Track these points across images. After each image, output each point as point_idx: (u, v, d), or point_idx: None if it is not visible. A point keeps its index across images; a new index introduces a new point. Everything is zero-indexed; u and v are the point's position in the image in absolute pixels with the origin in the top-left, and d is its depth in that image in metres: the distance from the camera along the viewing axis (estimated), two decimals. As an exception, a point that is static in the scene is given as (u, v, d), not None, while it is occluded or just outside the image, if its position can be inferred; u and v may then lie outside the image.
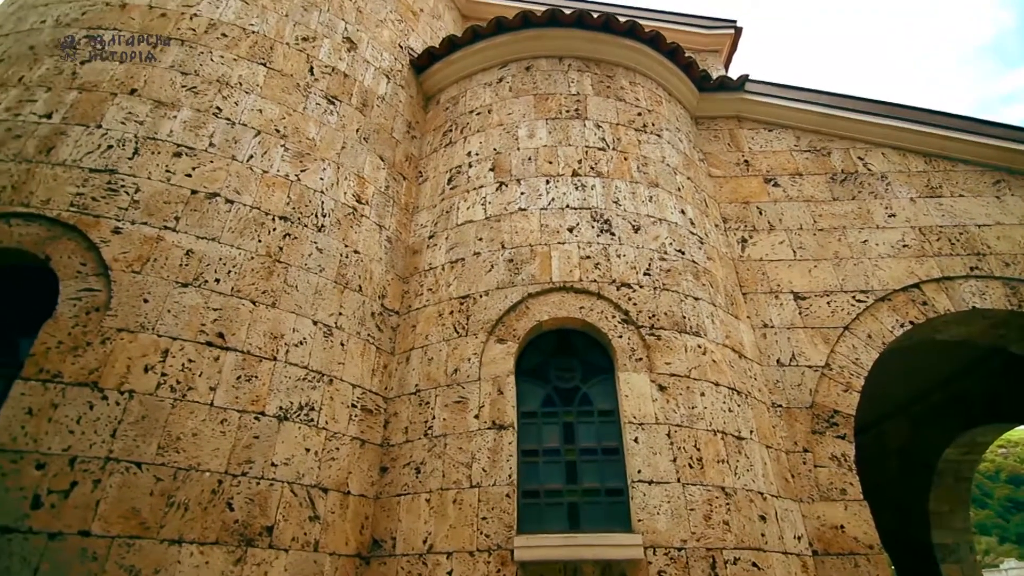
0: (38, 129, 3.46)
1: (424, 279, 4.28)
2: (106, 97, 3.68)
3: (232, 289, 3.34)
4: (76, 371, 2.78)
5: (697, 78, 5.62)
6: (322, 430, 3.33)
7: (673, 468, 3.18)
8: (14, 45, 3.96)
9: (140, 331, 2.98)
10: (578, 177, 4.39)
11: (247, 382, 3.14)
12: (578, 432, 3.55)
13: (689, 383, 3.54)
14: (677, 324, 3.77)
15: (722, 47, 7.21)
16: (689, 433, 3.33)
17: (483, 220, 4.30)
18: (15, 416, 2.61)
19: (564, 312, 3.76)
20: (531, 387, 3.72)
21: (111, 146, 3.48)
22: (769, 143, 5.51)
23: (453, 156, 4.89)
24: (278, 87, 4.26)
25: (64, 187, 3.26)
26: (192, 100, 3.86)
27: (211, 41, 4.20)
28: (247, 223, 3.59)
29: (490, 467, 3.26)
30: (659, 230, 4.22)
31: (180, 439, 2.82)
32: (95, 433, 2.67)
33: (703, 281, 4.12)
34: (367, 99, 4.83)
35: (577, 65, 5.18)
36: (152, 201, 3.38)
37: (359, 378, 3.70)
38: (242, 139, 3.87)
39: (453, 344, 3.80)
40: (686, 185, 4.74)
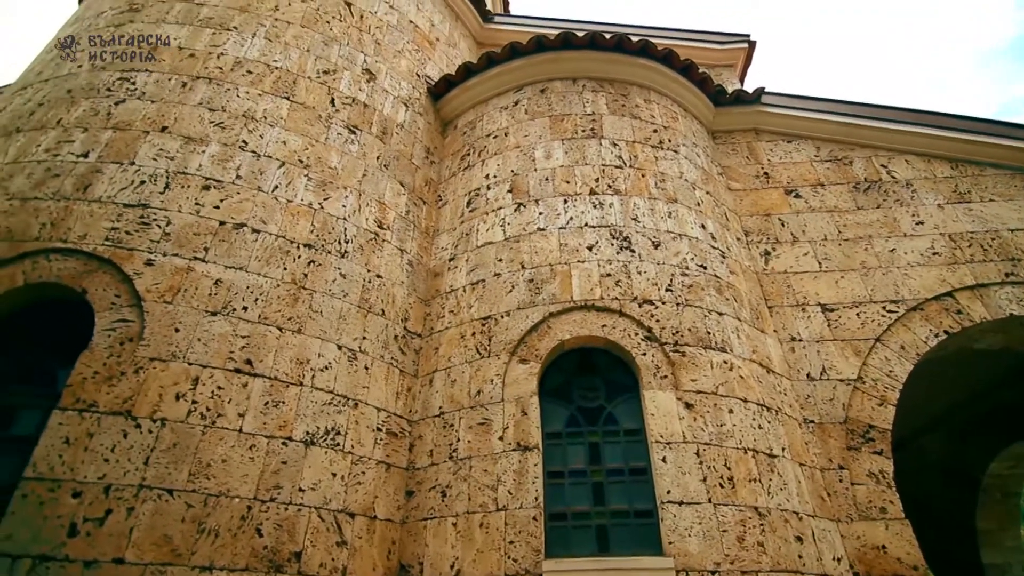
0: (75, 168, 3.62)
1: (446, 301, 4.32)
2: (139, 135, 3.84)
3: (259, 316, 3.41)
4: (111, 400, 2.85)
5: (712, 93, 5.62)
6: (348, 454, 3.35)
7: (703, 488, 3.11)
8: (53, 90, 4.17)
9: (171, 360, 3.05)
10: (596, 195, 4.41)
11: (275, 408, 3.19)
12: (604, 452, 3.50)
13: (716, 400, 3.47)
14: (702, 340, 3.71)
15: (736, 61, 7.21)
16: (718, 451, 3.26)
17: (502, 241, 4.33)
18: (53, 445, 2.68)
19: (586, 331, 3.74)
20: (555, 407, 3.70)
21: (144, 181, 3.62)
22: (788, 154, 5.46)
23: (471, 179, 4.95)
24: (301, 119, 4.39)
25: (100, 222, 3.39)
26: (220, 135, 4.00)
27: (237, 78, 4.37)
28: (273, 251, 3.68)
29: (516, 489, 3.23)
30: (680, 245, 4.19)
31: (210, 465, 2.87)
32: (129, 461, 2.73)
33: (727, 295, 4.07)
34: (387, 127, 4.94)
35: (591, 85, 5.24)
36: (182, 233, 3.49)
37: (383, 401, 3.73)
38: (267, 170, 3.99)
39: (476, 365, 3.80)
40: (705, 199, 4.71)
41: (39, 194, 3.47)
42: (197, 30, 4.61)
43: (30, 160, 3.66)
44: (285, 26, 4.91)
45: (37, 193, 3.47)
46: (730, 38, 7.14)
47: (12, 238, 3.26)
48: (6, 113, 4.16)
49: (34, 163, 3.64)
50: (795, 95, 5.70)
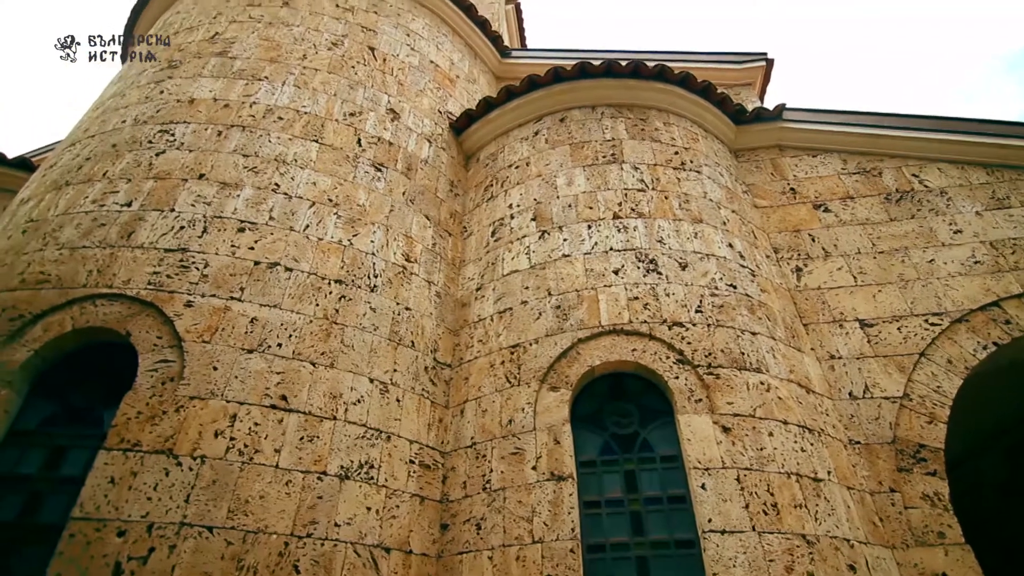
0: (120, 216, 3.81)
1: (474, 331, 4.34)
2: (178, 183, 4.03)
3: (293, 352, 3.49)
4: (153, 439, 2.94)
5: (732, 112, 5.62)
6: (382, 488, 3.35)
7: (746, 515, 3.00)
8: (99, 144, 4.43)
9: (210, 397, 3.13)
10: (619, 219, 4.41)
11: (309, 442, 3.23)
12: (641, 480, 3.42)
13: (755, 423, 3.37)
14: (736, 361, 3.63)
15: (755, 80, 7.22)
16: (760, 477, 3.15)
17: (528, 269, 4.36)
18: (99, 485, 2.76)
19: (616, 356, 3.71)
20: (588, 435, 3.64)
21: (183, 227, 3.79)
22: (814, 169, 5.39)
23: (495, 209, 5.02)
24: (330, 160, 4.56)
25: (142, 267, 3.54)
26: (253, 179, 4.17)
27: (269, 124, 4.57)
28: (305, 288, 3.78)
29: (551, 520, 3.17)
30: (707, 266, 4.15)
31: (248, 502, 2.90)
32: (170, 499, 2.79)
33: (759, 315, 3.99)
34: (411, 163, 5.08)
35: (610, 112, 5.30)
36: (219, 274, 3.62)
37: (416, 433, 3.73)
38: (298, 211, 4.13)
39: (506, 394, 3.79)
40: (731, 218, 4.67)
41: (86, 243, 3.66)
42: (231, 82, 4.86)
43: (78, 211, 3.87)
44: (313, 73, 5.13)
45: (85, 242, 3.66)
46: (747, 57, 7.17)
47: (62, 285, 3.44)
48: (57, 168, 4.43)
49: (82, 214, 3.85)
50: (818, 109, 5.66)
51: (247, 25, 5.50)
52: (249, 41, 5.30)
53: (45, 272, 3.52)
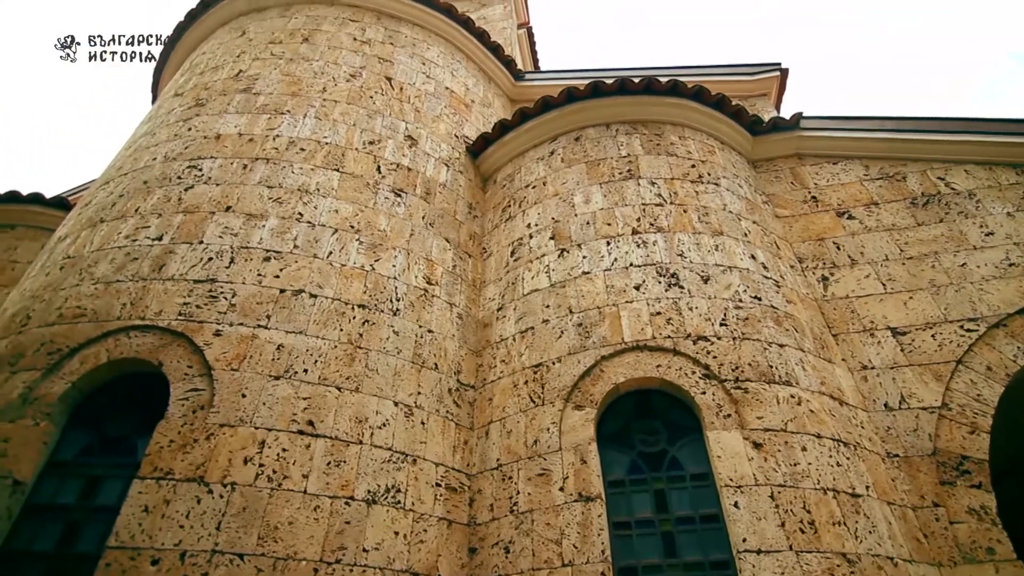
0: (151, 250, 3.94)
1: (496, 351, 4.34)
2: (206, 216, 4.17)
3: (319, 378, 3.53)
4: (185, 467, 2.99)
5: (748, 124, 5.60)
6: (409, 512, 3.34)
7: (782, 534, 2.91)
8: (131, 182, 4.61)
9: (240, 425, 3.18)
10: (638, 235, 4.40)
11: (336, 467, 3.25)
12: (671, 499, 3.35)
13: (787, 437, 3.28)
14: (764, 374, 3.56)
15: (769, 90, 7.19)
16: (795, 493, 3.06)
17: (548, 287, 4.36)
18: (133, 514, 2.82)
19: (640, 372, 3.66)
20: (615, 454, 3.59)
21: (211, 258, 3.90)
22: (836, 176, 5.32)
23: (514, 229, 5.06)
24: (351, 188, 4.66)
25: (173, 299, 3.65)
26: (277, 209, 4.29)
27: (291, 156, 4.71)
28: (329, 314, 3.84)
29: (581, 543, 3.12)
30: (730, 278, 4.10)
31: (278, 528, 2.92)
32: (202, 527, 2.82)
33: (786, 326, 3.91)
34: (430, 188, 5.16)
35: (625, 129, 5.33)
36: (247, 303, 3.70)
37: (441, 456, 3.72)
38: (322, 238, 4.22)
39: (530, 414, 3.77)
40: (753, 229, 4.62)
41: (120, 276, 3.78)
42: (255, 116, 5.03)
43: (112, 246, 4.02)
44: (333, 105, 5.29)
45: (118, 276, 3.79)
46: (760, 68, 7.15)
47: (97, 319, 3.55)
48: (91, 206, 4.61)
49: (115, 249, 3.99)
50: (836, 116, 5.60)
51: (269, 62, 5.70)
52: (272, 77, 5.49)
53: (81, 306, 3.64)
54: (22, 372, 3.36)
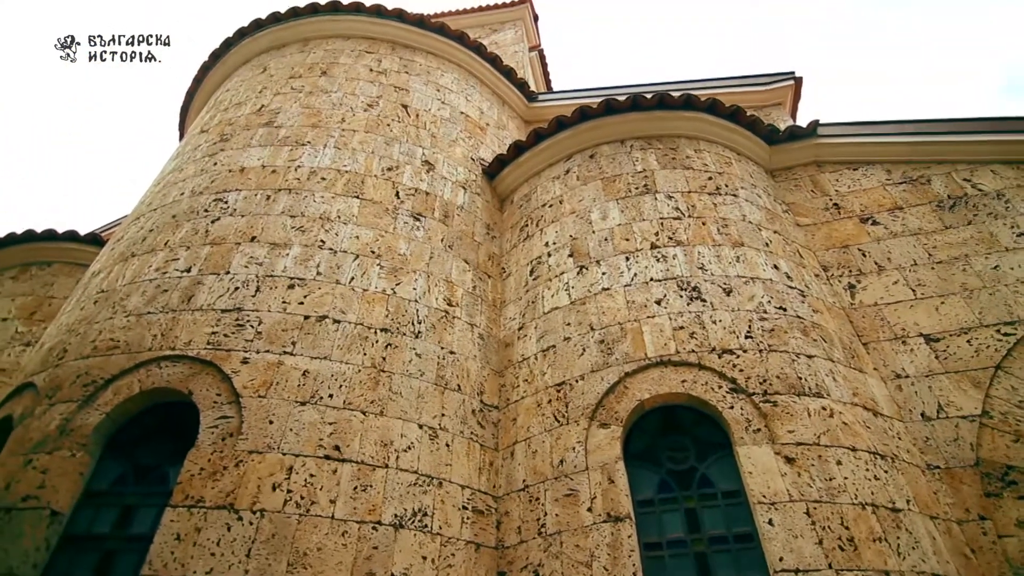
0: (180, 282, 4.05)
1: (519, 370, 4.33)
2: (232, 247, 4.28)
3: (344, 402, 3.56)
4: (215, 495, 3.02)
5: (764, 133, 5.57)
6: (436, 536, 3.32)
7: (820, 552, 2.81)
8: (160, 216, 4.77)
9: (267, 451, 3.22)
10: (657, 249, 4.38)
11: (363, 492, 3.25)
12: (703, 518, 3.27)
13: (820, 451, 3.19)
14: (793, 387, 3.48)
15: (784, 99, 7.16)
16: (832, 509, 2.96)
17: (568, 305, 4.36)
18: (166, 542, 2.85)
19: (665, 388, 3.62)
20: (643, 472, 3.53)
21: (237, 288, 3.99)
22: (857, 182, 5.24)
23: (532, 248, 5.08)
24: (370, 214, 4.75)
25: (201, 328, 3.74)
26: (300, 237, 4.38)
27: (313, 185, 4.82)
28: (353, 339, 3.89)
29: (612, 565, 3.05)
30: (753, 289, 4.04)
31: (307, 554, 2.93)
32: (232, 554, 2.84)
33: (813, 336, 3.83)
34: (448, 211, 5.23)
35: (639, 144, 5.35)
36: (272, 330, 3.77)
37: (467, 478, 3.71)
38: (343, 264, 4.29)
39: (555, 434, 3.74)
40: (774, 239, 4.57)
41: (151, 308, 3.90)
42: (277, 149, 5.19)
43: (143, 280, 4.14)
44: (351, 134, 5.42)
45: (149, 308, 3.90)
46: (774, 78, 7.14)
47: (130, 350, 3.65)
48: (123, 241, 4.78)
49: (146, 282, 4.12)
50: (854, 122, 5.54)
51: (290, 96, 5.89)
52: (292, 110, 5.67)
53: (115, 338, 3.75)
54: (59, 404, 3.46)
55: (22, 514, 3.02)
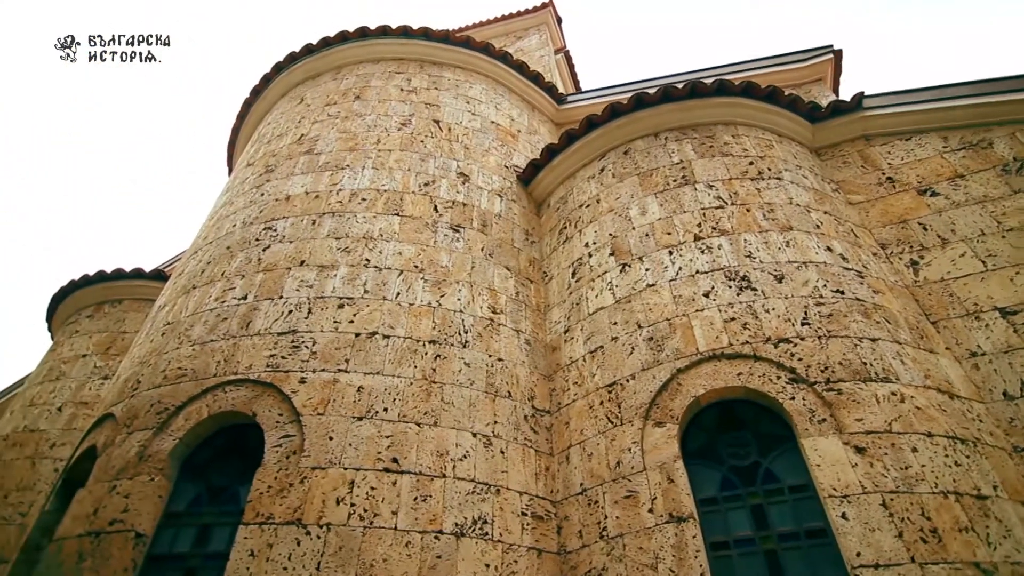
0: (238, 309, 4.25)
1: (568, 374, 4.31)
2: (283, 272, 4.46)
3: (399, 415, 3.64)
4: (283, 511, 3.14)
5: (805, 112, 5.37)
6: (498, 543, 3.33)
7: (901, 546, 2.65)
8: (216, 249, 5.02)
9: (329, 466, 3.32)
10: (701, 240, 4.28)
11: (423, 502, 3.30)
12: (771, 515, 3.15)
13: (893, 439, 3.03)
14: (858, 373, 3.32)
15: (824, 75, 6.87)
16: (910, 500, 2.79)
17: (614, 304, 4.30)
18: (241, 559, 2.98)
19: (720, 382, 3.52)
20: (704, 470, 3.44)
21: (291, 311, 4.15)
22: (911, 152, 4.97)
23: (572, 250, 5.06)
24: (411, 229, 4.85)
25: (260, 352, 3.90)
26: (346, 258, 4.52)
27: (354, 207, 4.97)
28: (403, 353, 3.97)
29: (678, 567, 2.98)
30: (806, 274, 3.89)
31: (373, 566, 2.99)
32: (303, 567, 2.94)
33: (876, 318, 3.65)
34: (486, 220, 5.28)
35: (674, 136, 5.25)
36: (326, 350, 3.90)
37: (524, 484, 3.71)
38: (389, 281, 4.40)
39: (610, 435, 3.69)
40: (825, 221, 4.38)
41: (213, 336, 4.10)
42: (318, 175, 5.38)
43: (204, 310, 4.37)
44: (387, 154, 5.56)
45: (211, 336, 4.11)
46: (811, 53, 6.87)
47: (197, 377, 3.85)
48: (184, 275, 5.05)
49: (207, 312, 4.34)
50: (902, 90, 5.26)
51: (327, 123, 6.10)
52: (330, 136, 5.87)
53: (182, 367, 3.97)
54: (136, 432, 3.68)
55: (110, 537, 3.23)
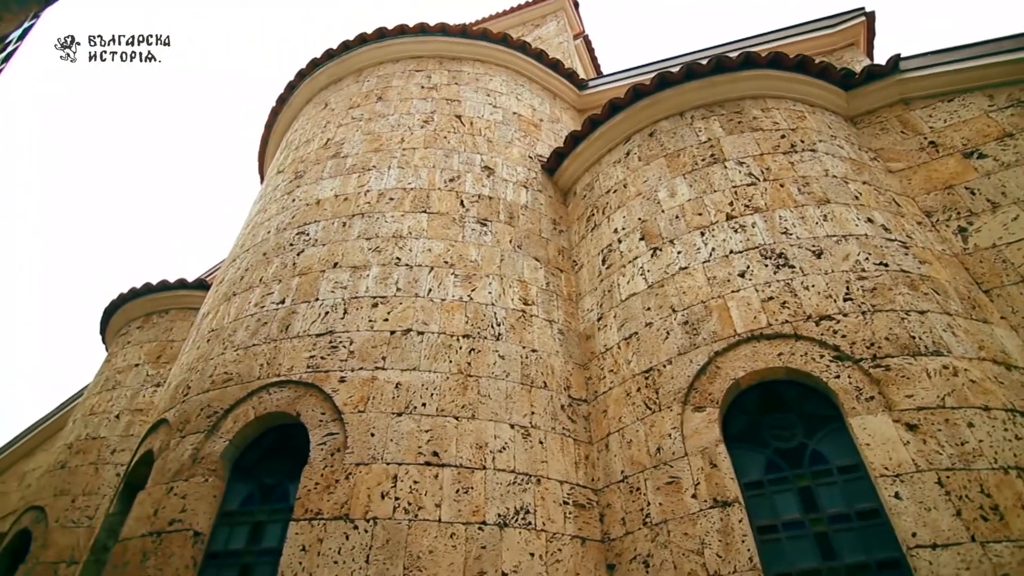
0: (277, 313, 4.37)
1: (603, 362, 4.28)
2: (318, 275, 4.56)
3: (437, 409, 3.69)
4: (331, 507, 3.23)
5: (838, 79, 5.16)
6: (541, 532, 3.35)
7: (960, 524, 2.55)
8: (253, 256, 5.17)
9: (372, 462, 3.40)
10: (734, 219, 4.18)
11: (465, 494, 3.35)
12: (819, 496, 3.07)
13: (947, 414, 2.90)
14: (906, 347, 3.19)
15: (856, 39, 6.58)
16: (968, 477, 2.68)
17: (646, 289, 4.25)
18: (293, 554, 3.08)
19: (761, 363, 3.44)
20: (747, 454, 3.37)
21: (327, 312, 4.24)
22: (954, 114, 4.72)
23: (601, 237, 5.01)
24: (439, 225, 4.88)
25: (300, 354, 4.01)
26: (377, 257, 4.59)
27: (383, 207, 5.04)
28: (437, 348, 4.01)
29: (724, 551, 2.94)
30: (847, 248, 3.75)
31: (420, 558, 3.05)
32: (353, 561, 3.02)
33: (923, 289, 3.50)
34: (512, 212, 5.27)
35: (700, 113, 5.12)
36: (363, 348, 3.98)
37: (564, 473, 3.71)
38: (420, 278, 4.45)
39: (649, 422, 3.66)
40: (864, 191, 4.21)
41: (255, 341, 4.23)
42: (346, 177, 5.47)
43: (245, 315, 4.51)
44: (412, 152, 5.61)
45: (253, 340, 4.24)
46: (841, 18, 6.59)
47: (242, 381, 3.98)
48: (224, 283, 5.22)
49: (248, 317, 4.47)
50: (941, 49, 5.00)
51: (352, 126, 6.18)
52: (355, 139, 5.95)
53: (228, 372, 4.11)
54: (189, 436, 3.84)
55: (171, 536, 3.38)
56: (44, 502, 6.19)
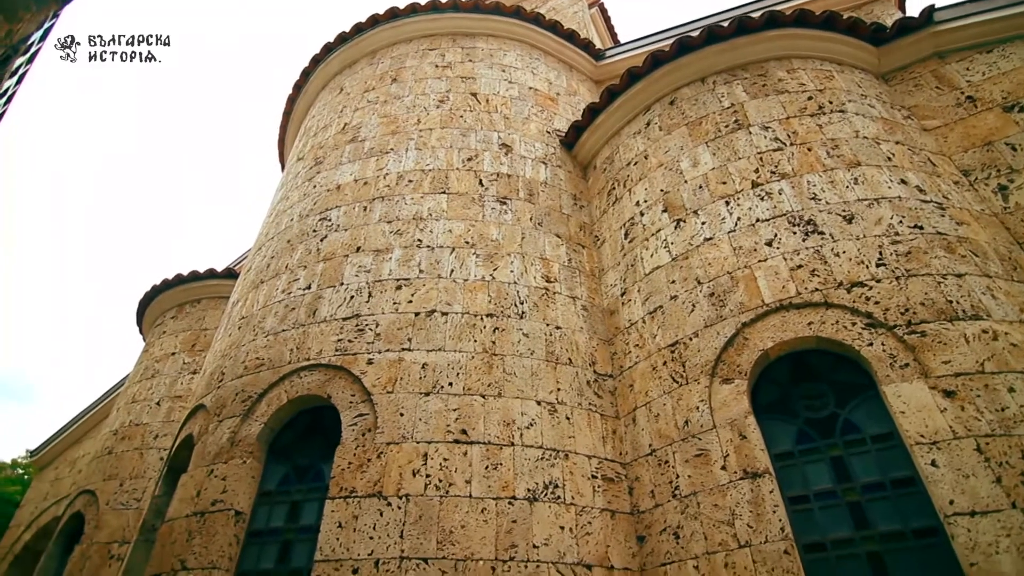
0: (304, 299, 4.45)
1: (628, 336, 4.26)
2: (342, 260, 4.61)
3: (464, 388, 3.73)
4: (365, 485, 3.32)
5: (867, 35, 4.92)
6: (571, 506, 3.39)
7: (1000, 491, 2.49)
8: (278, 243, 5.24)
9: (403, 441, 3.46)
10: (760, 187, 4.07)
11: (494, 470, 3.40)
12: (852, 466, 3.03)
13: (986, 380, 2.82)
14: (943, 312, 3.09)
15: (888, -10, 6.26)
16: (1008, 443, 2.61)
17: (670, 262, 4.19)
18: (330, 530, 3.18)
19: (790, 333, 3.37)
20: (777, 424, 3.34)
21: (352, 296, 4.30)
22: (993, 65, 4.48)
23: (623, 211, 4.94)
24: (459, 206, 4.87)
25: (328, 338, 4.08)
26: (399, 240, 4.61)
27: (402, 189, 5.04)
28: (462, 328, 4.04)
29: (755, 522, 2.94)
30: (879, 211, 3.63)
31: (452, 532, 3.13)
32: (388, 536, 3.11)
33: (961, 252, 3.37)
34: (532, 189, 5.23)
35: (723, 78, 4.96)
36: (389, 331, 4.03)
37: (592, 448, 3.73)
38: (442, 259, 4.46)
39: (676, 395, 3.64)
40: (897, 151, 4.05)
41: (284, 326, 4.32)
42: (365, 161, 5.48)
43: (273, 302, 4.60)
44: (428, 133, 5.58)
45: (283, 326, 4.33)
46: (872, -30, 6.26)
47: (273, 366, 4.08)
48: (252, 271, 5.32)
49: (276, 303, 4.56)
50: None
51: (368, 109, 6.17)
52: (372, 122, 5.94)
53: (260, 357, 4.21)
54: (226, 420, 3.96)
55: (214, 516, 3.52)
56: (95, 486, 6.51)
